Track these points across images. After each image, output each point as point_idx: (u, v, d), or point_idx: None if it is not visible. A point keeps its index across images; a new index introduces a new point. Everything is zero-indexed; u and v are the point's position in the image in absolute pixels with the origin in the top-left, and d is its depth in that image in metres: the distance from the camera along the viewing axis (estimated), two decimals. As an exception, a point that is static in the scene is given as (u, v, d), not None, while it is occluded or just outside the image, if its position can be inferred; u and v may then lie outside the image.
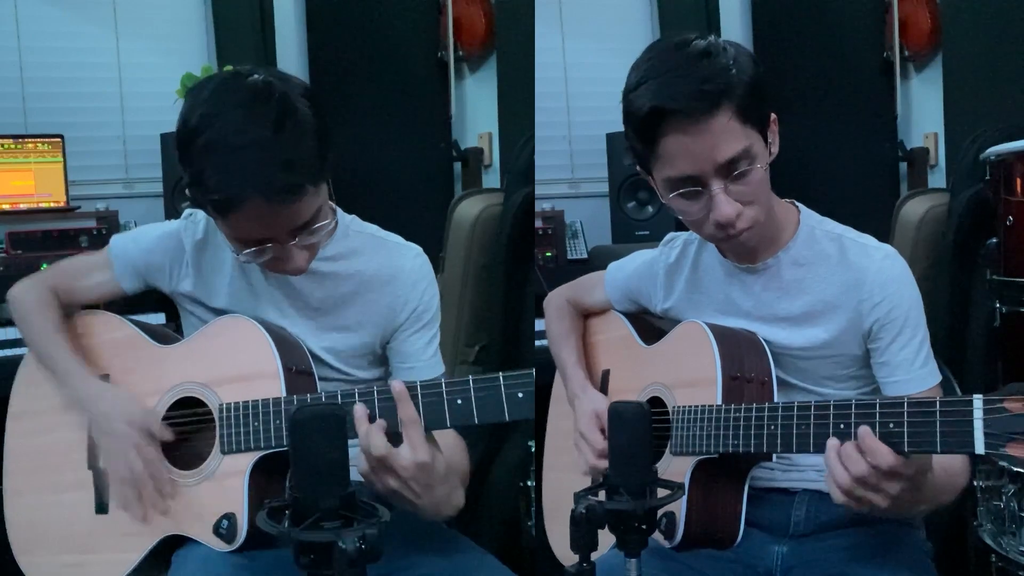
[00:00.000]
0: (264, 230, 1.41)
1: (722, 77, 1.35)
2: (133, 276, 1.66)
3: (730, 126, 1.35)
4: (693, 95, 1.33)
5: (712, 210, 1.40)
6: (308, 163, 1.38)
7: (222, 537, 1.44)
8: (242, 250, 1.44)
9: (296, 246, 1.44)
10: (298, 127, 1.37)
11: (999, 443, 1.11)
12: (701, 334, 1.55)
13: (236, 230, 1.42)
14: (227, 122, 1.35)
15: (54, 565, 1.59)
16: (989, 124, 2.41)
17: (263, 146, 1.34)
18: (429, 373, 1.62)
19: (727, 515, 1.50)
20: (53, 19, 3.15)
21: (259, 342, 1.50)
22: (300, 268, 1.48)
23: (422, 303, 1.64)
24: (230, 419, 1.47)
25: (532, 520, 2.25)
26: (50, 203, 2.92)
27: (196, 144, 1.37)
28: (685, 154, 1.37)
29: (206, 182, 1.36)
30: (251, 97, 1.37)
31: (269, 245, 1.43)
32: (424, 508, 1.38)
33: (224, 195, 1.35)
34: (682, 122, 1.35)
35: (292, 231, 1.42)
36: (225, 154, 1.34)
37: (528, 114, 2.77)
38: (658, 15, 3.65)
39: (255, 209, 1.36)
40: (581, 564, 1.16)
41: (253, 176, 1.33)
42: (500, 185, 2.98)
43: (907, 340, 1.49)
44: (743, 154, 1.37)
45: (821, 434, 1.29)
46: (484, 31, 3.29)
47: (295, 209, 1.39)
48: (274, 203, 1.36)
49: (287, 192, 1.36)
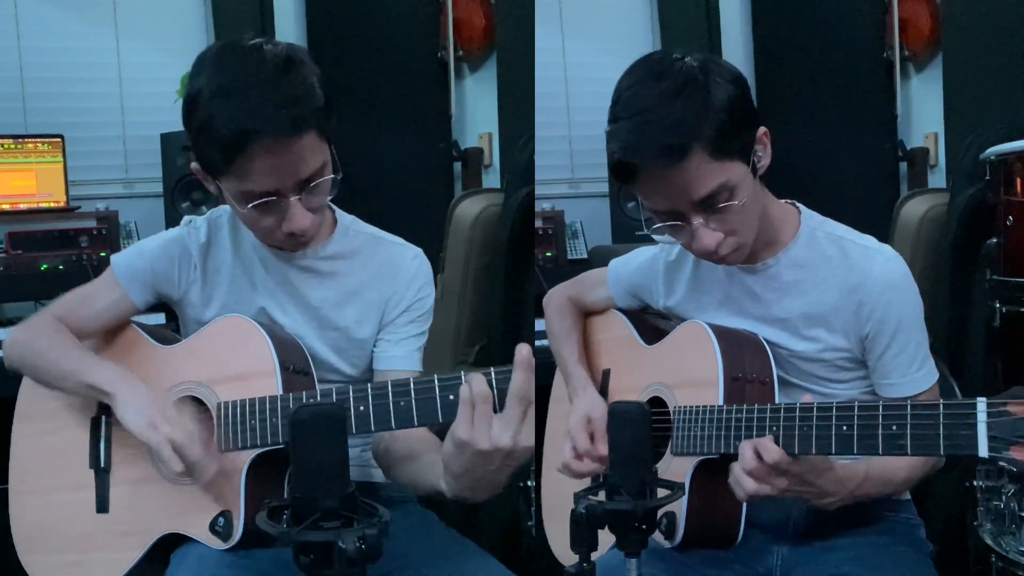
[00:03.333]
0: (270, 177, 1.41)
1: (692, 123, 1.34)
2: (143, 289, 1.64)
3: (703, 166, 1.36)
4: (659, 150, 1.34)
5: (694, 241, 1.42)
6: (314, 104, 1.41)
7: (218, 535, 1.45)
8: (247, 206, 1.44)
9: (300, 203, 1.44)
10: (303, 72, 1.42)
11: (1002, 447, 1.11)
12: (702, 334, 1.55)
13: (243, 178, 1.41)
14: (234, 69, 1.40)
15: (56, 564, 1.59)
16: (989, 124, 2.41)
17: (270, 85, 1.38)
18: (407, 365, 1.64)
19: (727, 516, 1.50)
20: (53, 19, 3.16)
21: (257, 341, 1.50)
22: (304, 228, 1.47)
23: (416, 302, 1.65)
24: (227, 417, 1.47)
25: (532, 520, 2.25)
26: (50, 203, 2.92)
27: (203, 96, 1.40)
28: (660, 195, 1.40)
29: (214, 125, 1.38)
30: (256, 48, 1.42)
31: (274, 199, 1.43)
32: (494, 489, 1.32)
33: (233, 132, 1.36)
34: (652, 170, 1.36)
35: (297, 183, 1.43)
36: (233, 95, 1.37)
37: (528, 114, 2.77)
38: (658, 15, 3.65)
39: (263, 146, 1.37)
40: (581, 564, 1.16)
41: (261, 112, 1.36)
42: (500, 185, 2.98)
43: (904, 344, 1.49)
44: (720, 189, 1.38)
45: (824, 436, 1.29)
46: (484, 31, 3.28)
47: (301, 152, 1.40)
48: (281, 139, 1.37)
49: (293, 126, 1.38)
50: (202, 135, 1.40)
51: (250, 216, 1.46)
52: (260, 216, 1.45)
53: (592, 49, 3.54)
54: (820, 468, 1.35)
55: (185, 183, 2.95)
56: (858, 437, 1.25)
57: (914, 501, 1.63)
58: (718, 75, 1.38)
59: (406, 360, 1.65)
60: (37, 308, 2.52)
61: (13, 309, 2.79)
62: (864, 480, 1.42)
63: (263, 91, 1.37)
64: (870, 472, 1.42)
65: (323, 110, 1.43)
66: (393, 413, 1.36)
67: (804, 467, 1.34)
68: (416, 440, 1.53)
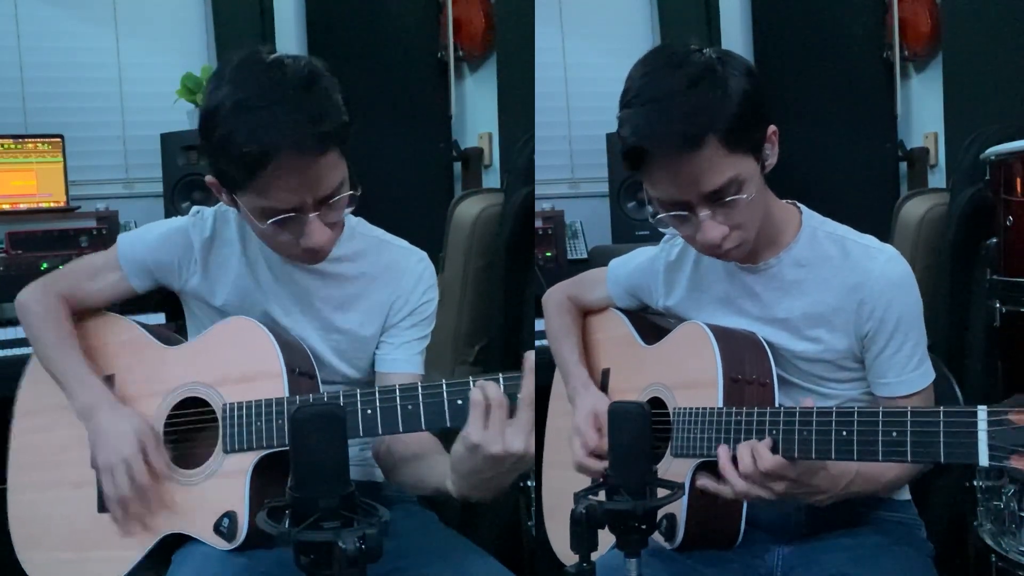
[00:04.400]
0: (292, 192, 1.40)
1: (708, 112, 1.34)
2: (143, 275, 1.65)
3: (716, 158, 1.36)
4: (675, 137, 1.33)
5: (698, 233, 1.42)
6: (338, 121, 1.41)
7: (222, 535, 1.44)
8: (265, 221, 1.43)
9: (319, 219, 1.44)
10: (325, 88, 1.42)
11: (1003, 455, 1.11)
12: (702, 335, 1.55)
13: (263, 194, 1.40)
14: (256, 84, 1.38)
15: (55, 562, 1.59)
16: (989, 124, 2.41)
17: (294, 101, 1.36)
18: (410, 367, 1.65)
19: (728, 516, 1.50)
20: (53, 19, 3.15)
21: (263, 343, 1.51)
22: (322, 245, 1.47)
23: (420, 306, 1.66)
24: (233, 418, 1.47)
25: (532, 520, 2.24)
26: (50, 203, 2.92)
27: (223, 110, 1.38)
28: (670, 183, 1.39)
29: (236, 140, 1.36)
30: (278, 62, 1.41)
31: (293, 214, 1.42)
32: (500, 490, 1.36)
33: (256, 147, 1.35)
34: (665, 157, 1.36)
35: (317, 200, 1.42)
36: (256, 110, 1.36)
37: (528, 114, 2.77)
38: (658, 15, 3.65)
39: (286, 163, 1.36)
40: (581, 564, 1.16)
41: (284, 127, 1.35)
42: (500, 185, 2.98)
43: (901, 343, 1.49)
44: (730, 183, 1.38)
45: (823, 440, 1.29)
46: (484, 31, 3.29)
47: (323, 169, 1.40)
48: (305, 156, 1.36)
49: (318, 142, 1.37)
50: (222, 150, 1.38)
51: (267, 232, 1.45)
52: (278, 232, 1.45)
53: (592, 49, 3.55)
54: (815, 468, 1.36)
55: (185, 183, 2.95)
56: (858, 443, 1.26)
57: (914, 501, 1.63)
58: (734, 68, 1.39)
59: (408, 363, 1.65)
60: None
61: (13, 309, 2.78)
62: (856, 476, 1.42)
63: (287, 107, 1.36)
64: (861, 469, 1.42)
65: (346, 127, 1.42)
66: (401, 417, 1.37)
67: (800, 470, 1.34)
68: (417, 441, 1.53)
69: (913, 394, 1.50)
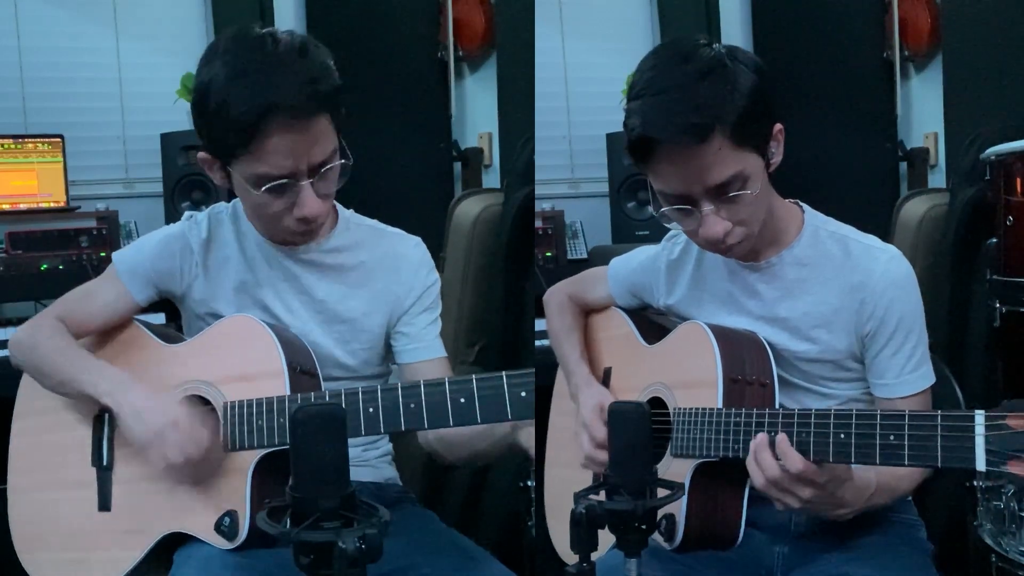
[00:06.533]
0: (286, 156, 1.41)
1: (717, 105, 1.34)
2: (145, 286, 1.64)
3: (722, 152, 1.36)
4: (683, 128, 1.33)
5: (701, 227, 1.42)
6: (331, 84, 1.44)
7: (224, 534, 1.44)
8: (260, 189, 1.44)
9: (312, 187, 1.45)
10: (318, 55, 1.45)
11: (1000, 460, 1.10)
12: (702, 335, 1.55)
13: (258, 159, 1.42)
14: (250, 52, 1.41)
15: (56, 562, 1.59)
16: (989, 124, 2.41)
17: (288, 66, 1.40)
18: (435, 353, 1.66)
19: (728, 517, 1.49)
20: (53, 19, 3.16)
21: (264, 341, 1.50)
22: (315, 214, 1.48)
23: (426, 287, 1.67)
24: (234, 417, 1.47)
25: (533, 520, 2.24)
26: (50, 203, 2.92)
27: (217, 81, 1.40)
28: (675, 176, 1.40)
29: (231, 104, 1.38)
30: (270, 34, 1.44)
31: (287, 181, 1.43)
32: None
33: (252, 109, 1.37)
34: (672, 148, 1.36)
35: (311, 167, 1.44)
36: (250, 75, 1.39)
37: (528, 114, 2.77)
38: (658, 15, 3.65)
39: (280, 126, 1.38)
40: (581, 564, 1.16)
41: (280, 89, 1.38)
42: (500, 185, 2.98)
43: (900, 344, 1.49)
44: (735, 178, 1.38)
45: (822, 442, 1.29)
46: (484, 31, 3.29)
47: (316, 133, 1.42)
48: (300, 118, 1.39)
49: (312, 103, 1.39)
50: (218, 117, 1.41)
51: (261, 201, 1.46)
52: (272, 200, 1.46)
53: (592, 49, 3.55)
54: (842, 478, 1.34)
55: (185, 183, 2.95)
56: (855, 445, 1.25)
57: (914, 501, 1.63)
58: (744, 63, 1.39)
59: (430, 349, 1.66)
60: (37, 308, 2.52)
61: (13, 309, 2.79)
62: (876, 490, 1.42)
63: (283, 71, 1.39)
64: (879, 482, 1.42)
65: (338, 92, 1.45)
66: (403, 414, 1.37)
67: (828, 476, 1.32)
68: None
69: (912, 396, 1.50)
